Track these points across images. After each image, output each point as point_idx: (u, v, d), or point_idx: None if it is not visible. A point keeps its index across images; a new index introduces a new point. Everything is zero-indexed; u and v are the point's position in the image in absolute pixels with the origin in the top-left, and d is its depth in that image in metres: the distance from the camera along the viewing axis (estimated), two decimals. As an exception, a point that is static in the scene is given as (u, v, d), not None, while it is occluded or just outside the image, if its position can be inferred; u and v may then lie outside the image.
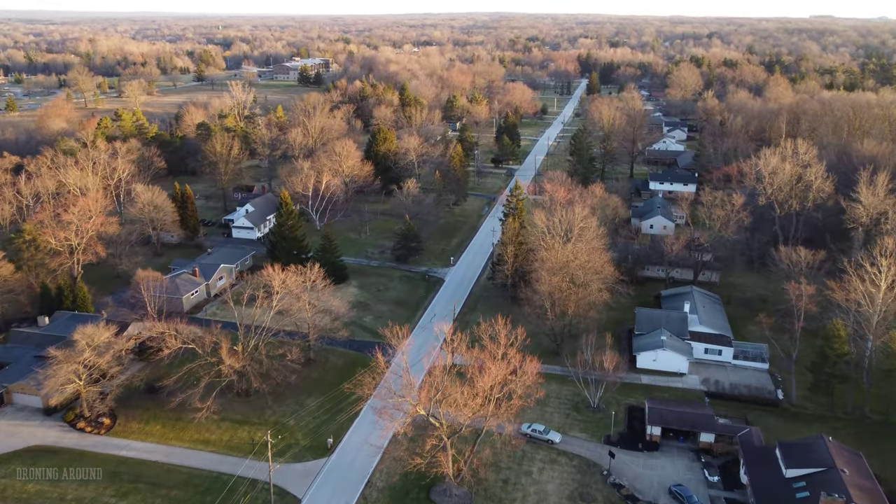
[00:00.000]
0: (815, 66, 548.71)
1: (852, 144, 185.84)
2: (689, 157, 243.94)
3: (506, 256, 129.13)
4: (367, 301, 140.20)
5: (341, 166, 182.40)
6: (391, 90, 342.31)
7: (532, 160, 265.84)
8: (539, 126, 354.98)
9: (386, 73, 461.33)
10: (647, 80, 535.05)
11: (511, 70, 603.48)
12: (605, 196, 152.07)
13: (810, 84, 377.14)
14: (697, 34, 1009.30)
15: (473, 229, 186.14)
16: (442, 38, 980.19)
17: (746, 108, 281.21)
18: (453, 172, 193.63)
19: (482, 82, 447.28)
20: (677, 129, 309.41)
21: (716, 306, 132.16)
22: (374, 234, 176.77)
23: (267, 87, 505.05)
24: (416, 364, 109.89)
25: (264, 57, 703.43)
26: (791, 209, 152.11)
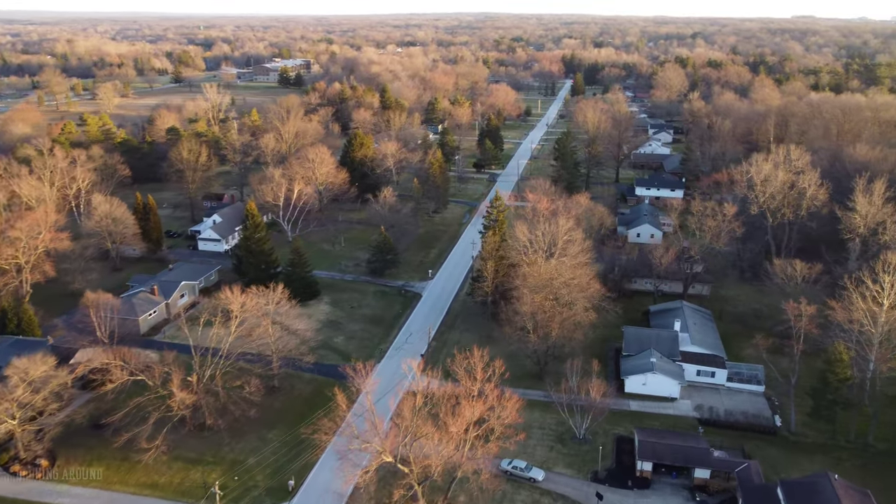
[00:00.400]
0: (799, 66, 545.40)
1: (845, 149, 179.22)
2: (676, 161, 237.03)
3: (485, 272, 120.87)
4: (339, 319, 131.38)
5: (315, 174, 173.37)
6: (371, 92, 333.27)
7: (515, 164, 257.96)
8: (523, 128, 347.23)
9: (367, 75, 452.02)
10: (632, 81, 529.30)
11: (495, 71, 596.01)
12: (591, 206, 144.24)
13: (796, 85, 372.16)
14: (681, 34, 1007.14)
15: (453, 239, 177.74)
16: (426, 39, 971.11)
17: (733, 110, 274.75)
18: (433, 179, 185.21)
19: (465, 84, 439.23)
20: (663, 132, 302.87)
21: (707, 323, 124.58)
22: (349, 246, 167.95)
23: (246, 88, 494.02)
24: (387, 393, 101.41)
25: (245, 58, 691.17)
26: (784, 218, 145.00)
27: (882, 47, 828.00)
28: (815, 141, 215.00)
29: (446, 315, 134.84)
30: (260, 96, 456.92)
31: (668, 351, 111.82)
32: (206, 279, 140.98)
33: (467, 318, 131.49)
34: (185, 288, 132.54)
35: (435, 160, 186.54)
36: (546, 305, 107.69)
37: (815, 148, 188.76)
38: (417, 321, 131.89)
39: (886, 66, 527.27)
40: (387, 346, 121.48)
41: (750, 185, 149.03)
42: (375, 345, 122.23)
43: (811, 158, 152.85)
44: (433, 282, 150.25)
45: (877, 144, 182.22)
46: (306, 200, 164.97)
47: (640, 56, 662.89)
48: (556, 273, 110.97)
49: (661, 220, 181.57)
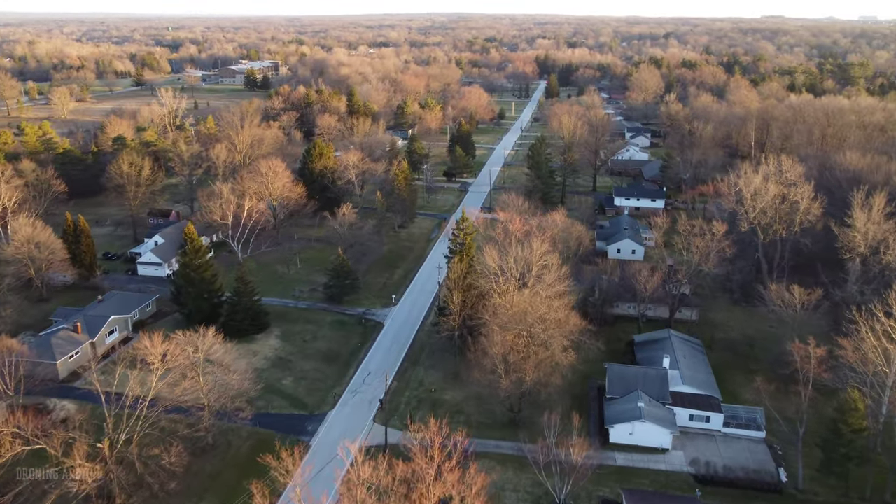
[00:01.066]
0: (773, 66, 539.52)
1: (833, 156, 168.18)
2: (656, 168, 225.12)
3: (451, 304, 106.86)
4: (289, 356, 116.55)
5: (268, 188, 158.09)
6: (338, 96, 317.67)
7: (488, 172, 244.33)
8: (496, 132, 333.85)
9: (337, 77, 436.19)
10: (607, 82, 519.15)
11: (468, 72, 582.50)
12: (568, 224, 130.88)
13: (772, 86, 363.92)
14: (654, 34, 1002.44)
15: (421, 257, 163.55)
16: (399, 39, 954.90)
17: (712, 113, 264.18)
18: (398, 192, 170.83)
19: (437, 86, 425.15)
20: (640, 136, 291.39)
21: (698, 355, 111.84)
22: (306, 267, 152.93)
23: (211, 91, 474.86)
24: (333, 461, 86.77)
25: (212, 59, 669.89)
26: (776, 235, 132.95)
27: (852, 47, 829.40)
28: (799, 147, 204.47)
29: (410, 348, 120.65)
30: (224, 100, 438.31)
31: (657, 393, 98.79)
32: (142, 310, 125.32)
33: (433, 353, 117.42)
34: (114, 323, 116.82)
35: (400, 171, 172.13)
36: (519, 345, 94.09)
37: (801, 155, 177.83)
38: (378, 357, 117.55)
39: (859, 66, 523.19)
40: (341, 390, 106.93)
41: (739, 198, 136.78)
42: (328, 388, 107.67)
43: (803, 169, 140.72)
44: (397, 308, 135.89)
45: (866, 151, 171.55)
46: (258, 218, 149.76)
47: (613, 56, 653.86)
48: (529, 306, 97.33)
49: (642, 233, 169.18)
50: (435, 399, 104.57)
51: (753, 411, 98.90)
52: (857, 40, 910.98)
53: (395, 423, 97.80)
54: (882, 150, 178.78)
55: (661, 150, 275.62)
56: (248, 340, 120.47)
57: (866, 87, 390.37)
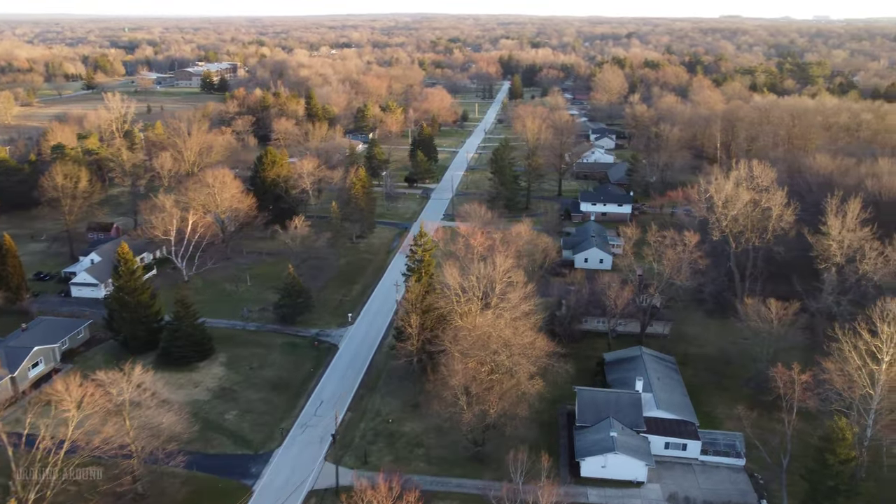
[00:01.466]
0: (734, 66, 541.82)
1: (803, 160, 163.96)
2: (622, 171, 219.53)
3: (409, 328, 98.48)
4: (234, 386, 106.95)
5: (215, 200, 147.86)
6: (296, 99, 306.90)
7: (451, 177, 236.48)
8: (459, 135, 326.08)
9: (296, 79, 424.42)
10: (571, 83, 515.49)
11: (431, 73, 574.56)
12: (533, 236, 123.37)
13: (735, 86, 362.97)
14: (616, 34, 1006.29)
15: (380, 270, 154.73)
16: (361, 40, 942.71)
17: (676, 114, 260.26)
18: (355, 201, 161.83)
19: (400, 87, 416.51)
20: (605, 137, 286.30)
21: (672, 375, 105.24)
22: (256, 284, 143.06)
23: (166, 95, 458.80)
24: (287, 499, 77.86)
25: (169, 61, 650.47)
26: (748, 243, 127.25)
27: (809, 46, 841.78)
28: (765, 149, 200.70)
29: (367, 373, 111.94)
30: (180, 103, 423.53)
31: (631, 420, 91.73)
32: (73, 338, 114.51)
33: (391, 378, 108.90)
34: (39, 354, 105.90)
35: (357, 179, 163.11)
36: (482, 373, 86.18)
37: (770, 158, 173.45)
38: (331, 383, 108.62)
39: (817, 65, 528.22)
40: (290, 423, 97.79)
41: (710, 205, 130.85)
42: (276, 421, 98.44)
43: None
44: (353, 328, 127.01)
45: (835, 154, 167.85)
46: (204, 232, 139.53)
47: (577, 56, 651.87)
48: (493, 330, 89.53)
49: (609, 241, 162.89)
50: (392, 431, 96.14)
51: (732, 437, 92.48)
52: (814, 39, 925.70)
53: (348, 461, 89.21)
54: (850, 152, 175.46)
55: (627, 152, 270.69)
56: (190, 369, 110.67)
57: (826, 87, 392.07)
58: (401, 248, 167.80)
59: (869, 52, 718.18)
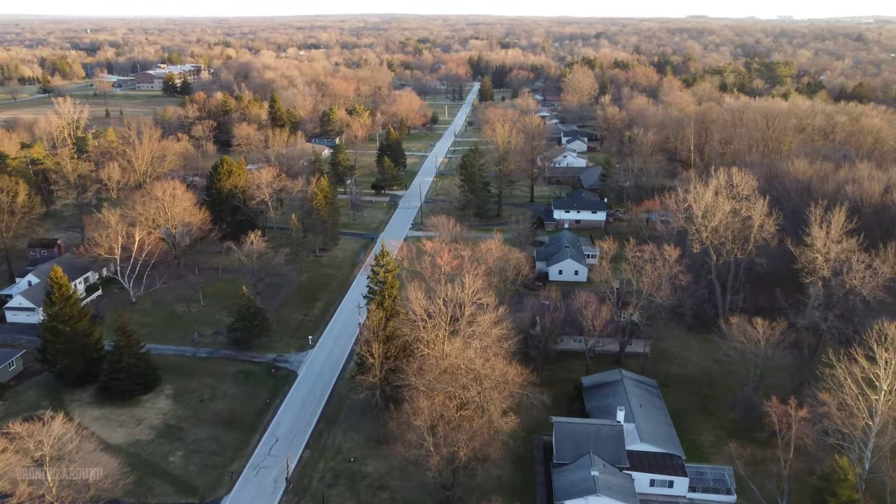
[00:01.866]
0: (703, 66, 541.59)
1: (781, 165, 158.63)
2: (595, 175, 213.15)
3: (370, 358, 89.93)
4: (180, 422, 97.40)
5: (166, 214, 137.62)
6: (259, 103, 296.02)
7: (420, 183, 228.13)
8: (429, 138, 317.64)
9: (261, 81, 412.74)
10: (541, 83, 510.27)
11: (400, 74, 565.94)
12: (505, 251, 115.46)
13: (705, 86, 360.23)
14: (585, 34, 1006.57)
15: (344, 286, 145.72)
16: (330, 41, 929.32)
17: (648, 117, 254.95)
18: (317, 213, 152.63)
19: (368, 90, 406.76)
20: (577, 140, 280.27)
21: (654, 401, 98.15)
22: (210, 304, 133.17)
23: (126, 98, 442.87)
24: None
25: (131, 63, 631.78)
26: (729, 255, 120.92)
27: (774, 46, 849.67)
28: (739, 152, 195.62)
29: (328, 404, 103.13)
30: (141, 107, 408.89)
31: (613, 455, 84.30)
32: (2, 371, 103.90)
33: (354, 410, 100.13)
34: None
35: (319, 190, 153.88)
36: (450, 409, 78.08)
37: (747, 163, 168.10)
38: (289, 417, 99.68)
39: (784, 64, 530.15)
40: (241, 465, 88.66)
41: (688, 215, 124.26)
42: (226, 462, 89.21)
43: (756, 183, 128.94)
44: (314, 352, 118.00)
45: (812, 158, 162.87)
46: (152, 250, 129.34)
47: (546, 57, 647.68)
48: (462, 361, 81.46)
49: (584, 251, 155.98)
50: (354, 472, 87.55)
51: (721, 471, 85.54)
52: (778, 39, 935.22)
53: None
54: (826, 155, 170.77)
55: (600, 156, 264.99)
56: (133, 403, 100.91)
57: (795, 87, 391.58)
58: (366, 261, 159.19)
59: (833, 52, 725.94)
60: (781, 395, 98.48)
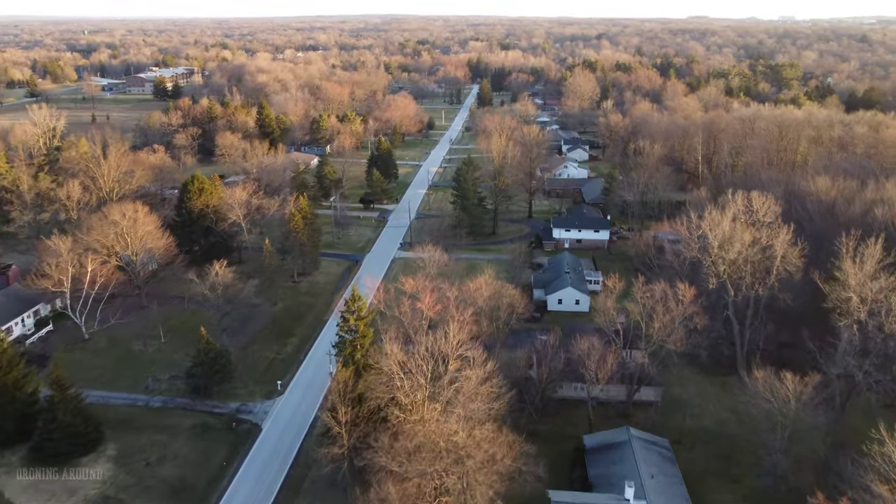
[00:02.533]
0: (706, 68, 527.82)
1: (800, 183, 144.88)
2: (597, 188, 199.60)
3: (336, 427, 76.46)
4: (121, 492, 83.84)
5: (125, 240, 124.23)
6: (246, 109, 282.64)
7: (412, 196, 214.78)
8: (424, 146, 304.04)
9: (254, 85, 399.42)
10: (541, 87, 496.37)
11: (398, 76, 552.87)
12: (497, 288, 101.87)
13: (710, 91, 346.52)
14: (586, 35, 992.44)
15: (322, 317, 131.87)
16: (328, 42, 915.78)
17: (652, 124, 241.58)
18: (295, 235, 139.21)
19: (363, 94, 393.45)
20: (578, 148, 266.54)
21: (667, 469, 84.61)
22: (172, 341, 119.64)
23: (116, 102, 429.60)
24: None
25: (125, 66, 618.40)
26: (749, 289, 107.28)
27: (777, 47, 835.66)
28: (753, 165, 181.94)
29: (294, 465, 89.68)
30: (130, 111, 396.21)
31: (621, 545, 71.01)
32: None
33: (320, 480, 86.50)
34: None
35: (297, 211, 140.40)
36: (425, 498, 64.71)
37: (759, 178, 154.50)
38: (247, 484, 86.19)
39: (790, 66, 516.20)
40: (185, 552, 75.42)
41: (703, 245, 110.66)
42: (167, 549, 75.95)
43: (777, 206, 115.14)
44: (283, 399, 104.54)
45: (833, 173, 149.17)
46: (107, 281, 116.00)
47: (547, 59, 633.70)
48: (441, 438, 68.06)
49: (586, 276, 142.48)
50: (317, 561, 74.24)
51: (749, 562, 72.27)
52: (782, 40, 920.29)
53: None
54: (847, 171, 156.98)
55: (602, 165, 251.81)
56: (70, 465, 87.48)
57: (803, 91, 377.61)
58: (350, 284, 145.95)
59: (837, 53, 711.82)
60: (814, 461, 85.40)
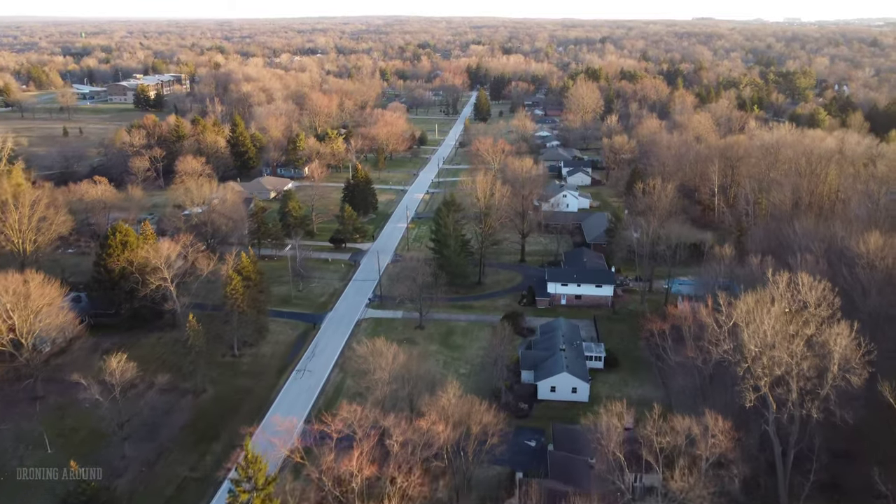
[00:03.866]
0: (716, 76, 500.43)
1: (845, 238, 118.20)
2: (600, 225, 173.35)
3: None
4: None
5: (10, 320, 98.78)
6: (217, 128, 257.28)
7: (391, 233, 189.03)
8: (413, 165, 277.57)
9: (238, 95, 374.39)
10: (542, 95, 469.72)
11: (393, 83, 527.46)
12: (464, 404, 75.76)
13: (722, 105, 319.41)
14: (590, 38, 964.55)
15: (261, 408, 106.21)
16: (327, 45, 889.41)
17: (661, 147, 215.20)
18: (233, 303, 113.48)
19: (353, 105, 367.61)
20: (579, 172, 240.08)
21: None
22: (62, 448, 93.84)
23: (94, 112, 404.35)
24: None
25: (115, 71, 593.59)
26: (796, 407, 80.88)
27: (787, 51, 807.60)
28: (782, 206, 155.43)
29: None
30: (108, 122, 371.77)
31: None
32: None
33: None
34: None
35: (236, 273, 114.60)
36: None
37: (792, 230, 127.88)
38: None
39: (802, 74, 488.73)
40: None
41: (736, 345, 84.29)
42: None
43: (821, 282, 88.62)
44: (185, 549, 78.97)
45: (883, 226, 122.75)
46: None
47: (549, 64, 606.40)
48: None
49: (584, 350, 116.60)
50: None
51: None
52: (790, 44, 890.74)
53: None
54: None
55: (605, 191, 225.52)
56: None
57: (820, 104, 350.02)
58: (305, 354, 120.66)
59: (849, 58, 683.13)
60: None
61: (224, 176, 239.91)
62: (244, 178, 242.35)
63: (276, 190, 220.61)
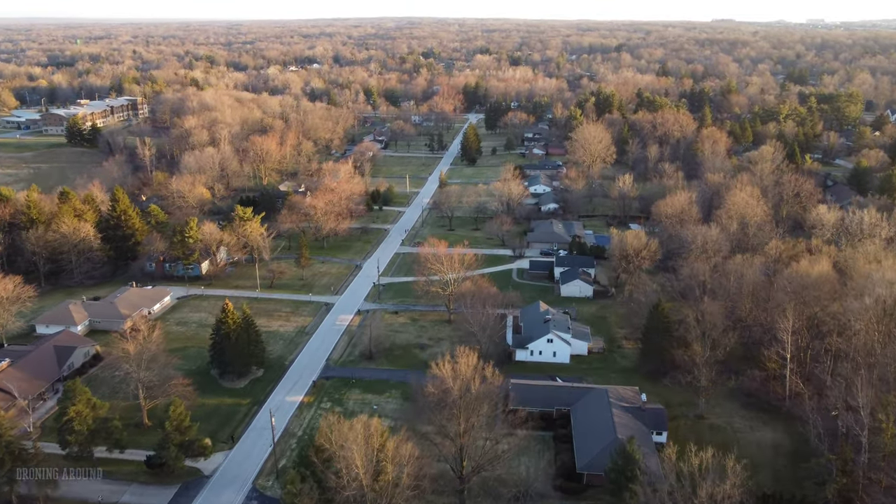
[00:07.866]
0: (747, 100, 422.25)
1: None
2: (602, 436, 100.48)
3: None
4: None
5: None
6: (89, 206, 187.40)
7: (272, 419, 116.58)
8: (360, 247, 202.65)
9: (179, 133, 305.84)
10: (545, 126, 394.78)
11: (378, 106, 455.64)
12: None
13: (765, 154, 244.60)
14: (606, 46, 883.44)
15: None
16: (325, 55, 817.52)
17: (694, 260, 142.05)
18: None
19: (310, 148, 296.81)
20: (577, 279, 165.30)
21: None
22: None
23: (17, 148, 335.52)
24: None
25: (85, 88, 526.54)
26: None
27: (819, 62, 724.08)
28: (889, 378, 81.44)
29: None
30: (26, 165, 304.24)
31: None
32: None
33: None
34: None
35: None
36: None
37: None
38: None
39: (849, 98, 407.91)
40: None
41: None
42: None
43: None
44: None
45: None
46: None
47: (559, 80, 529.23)
48: None
49: None
50: None
51: None
52: (822, 52, 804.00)
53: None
54: None
55: (611, 311, 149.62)
56: None
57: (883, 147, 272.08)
58: None
59: (891, 71, 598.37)
60: None
61: (89, 276, 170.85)
62: (119, 277, 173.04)
63: (142, 309, 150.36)
